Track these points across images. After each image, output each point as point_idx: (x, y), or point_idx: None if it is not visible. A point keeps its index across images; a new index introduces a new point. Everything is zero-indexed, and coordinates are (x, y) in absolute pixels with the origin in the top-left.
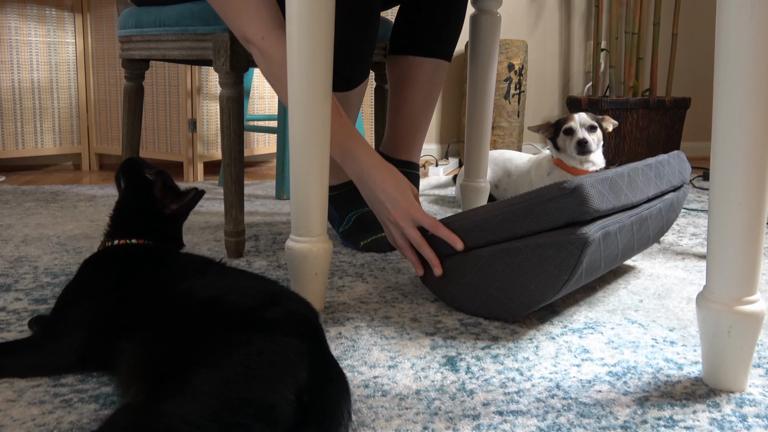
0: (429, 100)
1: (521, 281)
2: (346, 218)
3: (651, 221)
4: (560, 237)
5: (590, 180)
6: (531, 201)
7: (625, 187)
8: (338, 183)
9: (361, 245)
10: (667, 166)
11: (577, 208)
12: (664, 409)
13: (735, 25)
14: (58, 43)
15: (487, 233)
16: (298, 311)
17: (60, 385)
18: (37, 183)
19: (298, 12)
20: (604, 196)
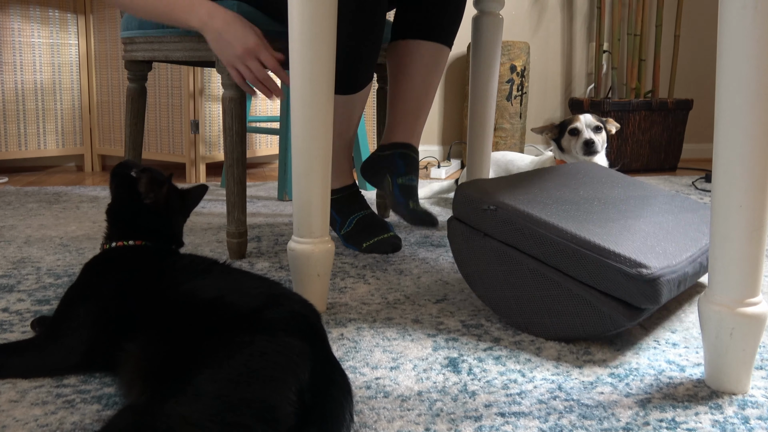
0: (428, 85)
1: (540, 310)
2: (347, 221)
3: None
4: (606, 308)
5: (669, 276)
6: (603, 260)
7: (689, 279)
8: (340, 186)
9: (363, 247)
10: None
11: (642, 298)
12: (666, 410)
13: (737, 26)
14: (61, 44)
15: (539, 250)
16: (301, 312)
17: (63, 385)
18: (40, 184)
19: (299, 15)
20: (671, 292)
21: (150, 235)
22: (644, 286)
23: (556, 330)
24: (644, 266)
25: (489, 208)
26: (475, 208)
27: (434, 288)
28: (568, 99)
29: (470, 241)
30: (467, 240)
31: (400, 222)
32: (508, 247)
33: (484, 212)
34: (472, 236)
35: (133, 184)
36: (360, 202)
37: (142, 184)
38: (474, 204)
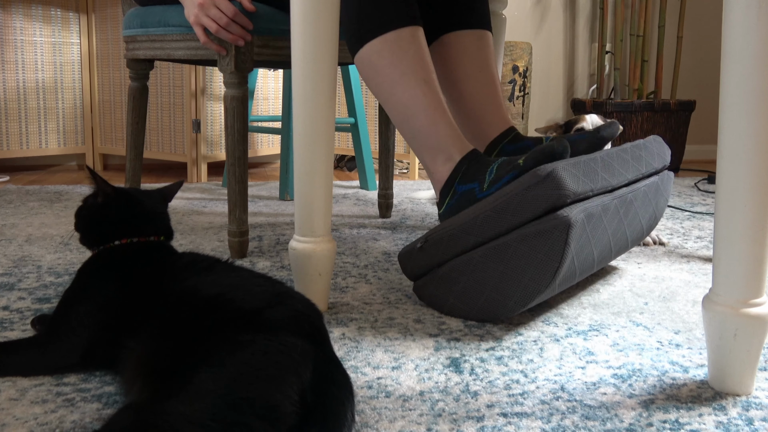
0: (486, 71)
1: (514, 277)
2: (486, 173)
3: (638, 205)
4: (543, 224)
5: (563, 164)
6: (509, 195)
7: (600, 169)
8: (460, 157)
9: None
10: (644, 150)
11: (554, 192)
12: (669, 412)
13: (742, 26)
14: (62, 43)
15: (473, 235)
16: (303, 312)
17: (63, 384)
18: (41, 183)
19: (301, 12)
20: (578, 178)
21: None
22: (546, 182)
23: (537, 279)
24: (537, 170)
25: (421, 244)
26: (414, 255)
27: None
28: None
29: (433, 282)
30: (431, 283)
31: (402, 222)
32: (456, 258)
33: (421, 250)
34: (432, 277)
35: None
36: (488, 160)
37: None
38: (411, 253)
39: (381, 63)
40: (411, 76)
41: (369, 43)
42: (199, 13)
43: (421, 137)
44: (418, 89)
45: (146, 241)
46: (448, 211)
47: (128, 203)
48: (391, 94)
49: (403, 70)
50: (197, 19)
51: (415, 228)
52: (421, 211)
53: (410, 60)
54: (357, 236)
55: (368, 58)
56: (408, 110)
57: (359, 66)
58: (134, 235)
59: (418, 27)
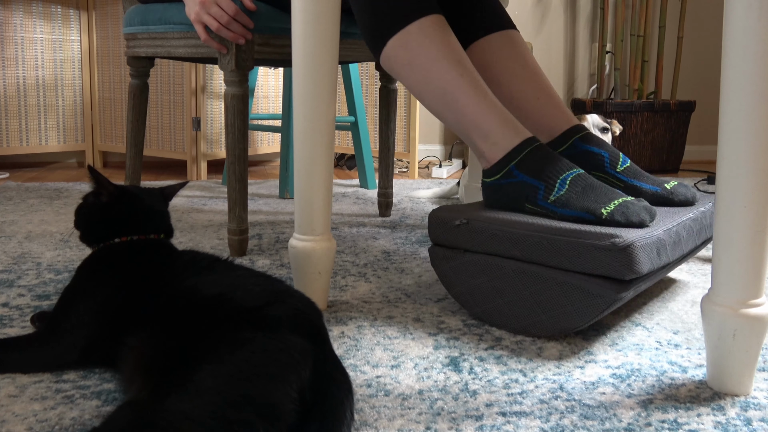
0: (528, 67)
1: (533, 308)
2: (556, 182)
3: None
4: (593, 287)
5: (643, 242)
6: (576, 240)
7: (669, 247)
8: (519, 142)
9: (603, 214)
10: (710, 218)
11: (621, 268)
12: (668, 412)
13: (743, 27)
14: (63, 40)
15: (516, 249)
16: (303, 310)
17: (62, 381)
18: (41, 180)
19: (302, 11)
20: (651, 260)
21: (134, 227)
22: (620, 255)
23: (553, 324)
24: (616, 236)
25: (461, 222)
26: (449, 226)
27: (435, 287)
28: (570, 100)
29: (452, 261)
30: (449, 261)
31: (402, 221)
32: (488, 256)
33: (457, 228)
34: (453, 256)
35: (89, 200)
36: (560, 159)
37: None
38: (447, 224)
39: (409, 56)
40: (443, 61)
41: (392, 39)
42: (200, 11)
43: (466, 119)
44: (453, 71)
45: (146, 239)
46: (496, 187)
47: (129, 201)
48: (427, 83)
49: (434, 56)
50: (198, 16)
51: (415, 227)
52: (421, 209)
53: (438, 45)
54: (356, 235)
55: (394, 53)
56: (447, 94)
57: (387, 64)
58: (134, 232)
59: (440, 15)
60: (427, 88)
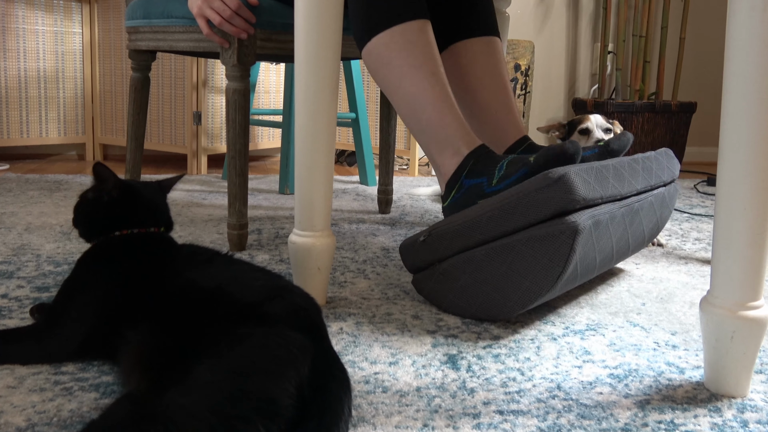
0: (497, 78)
1: (516, 278)
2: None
3: (643, 215)
4: (550, 227)
5: (575, 168)
6: (518, 195)
7: (611, 177)
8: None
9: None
10: (655, 162)
11: (564, 196)
12: (665, 412)
13: (746, 28)
14: (64, 32)
15: (477, 233)
16: (302, 306)
17: (60, 373)
18: (41, 172)
19: (305, 7)
20: (590, 185)
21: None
22: (557, 185)
23: (539, 283)
24: (548, 173)
25: (424, 237)
26: (416, 247)
27: None
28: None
29: (433, 277)
30: (430, 278)
31: (401, 218)
32: (459, 254)
33: (423, 244)
34: (432, 273)
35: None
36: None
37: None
38: (414, 246)
39: (389, 56)
40: (419, 69)
41: (377, 35)
42: (202, 5)
43: (428, 130)
44: (426, 81)
45: (146, 232)
46: (453, 204)
47: (130, 196)
48: (399, 86)
49: (411, 62)
50: (201, 10)
51: (414, 224)
52: (420, 207)
53: (418, 53)
54: (356, 231)
55: (376, 50)
56: (416, 103)
57: (367, 59)
58: (134, 226)
59: (427, 21)
60: (398, 91)
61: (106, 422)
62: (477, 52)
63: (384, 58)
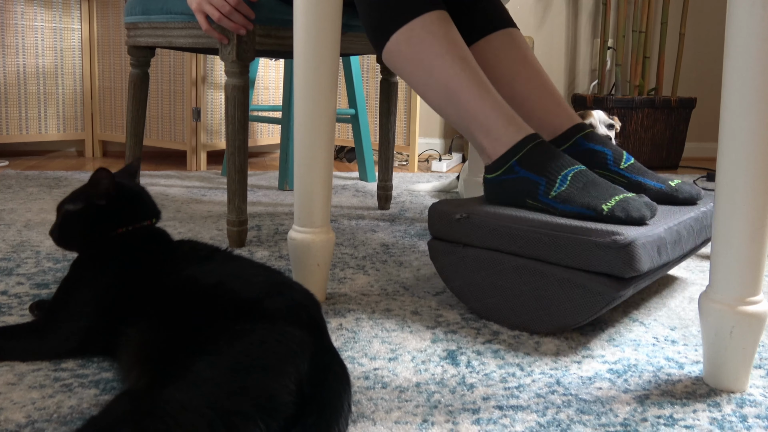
0: (529, 66)
1: (533, 305)
2: (557, 179)
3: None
4: (593, 282)
5: (644, 240)
6: (576, 236)
7: (670, 246)
8: (520, 139)
9: (604, 210)
10: (711, 218)
11: (622, 266)
12: (664, 407)
13: (746, 24)
14: (63, 28)
15: (516, 245)
16: (301, 302)
17: (60, 369)
18: (41, 168)
19: (304, 3)
20: (651, 259)
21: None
22: (621, 252)
23: (551, 321)
24: (617, 233)
25: (462, 216)
26: (449, 220)
27: (434, 280)
28: (571, 95)
29: (451, 255)
30: (448, 255)
31: (401, 214)
32: (488, 251)
33: (457, 222)
34: (452, 250)
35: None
36: (562, 156)
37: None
38: (447, 217)
39: (412, 51)
40: (446, 56)
41: (395, 34)
42: (201, 1)
43: (468, 115)
44: (456, 66)
45: (141, 227)
46: (498, 182)
47: (122, 195)
48: (429, 78)
49: (437, 51)
50: (200, 6)
51: (414, 220)
52: (420, 203)
53: (442, 41)
54: (356, 227)
55: (397, 49)
56: (449, 90)
57: (389, 60)
58: (130, 222)
59: (443, 10)
60: (430, 83)
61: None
62: (499, 46)
63: (407, 55)
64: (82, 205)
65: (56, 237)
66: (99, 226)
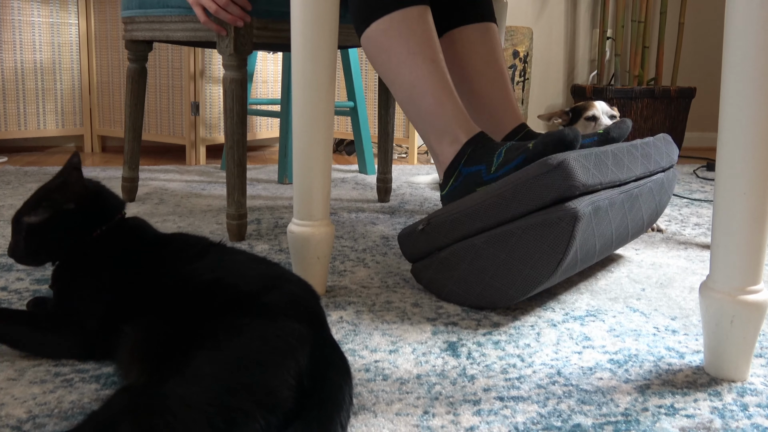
0: (494, 65)
1: (516, 265)
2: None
3: (642, 200)
4: (550, 214)
5: (574, 155)
6: (516, 182)
7: (610, 163)
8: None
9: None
10: (654, 148)
11: (563, 182)
12: (665, 397)
13: (745, 13)
14: (61, 23)
15: (477, 221)
16: (301, 295)
17: (61, 364)
18: (39, 164)
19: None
20: (589, 171)
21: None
22: (556, 172)
23: (540, 270)
24: (548, 159)
25: (424, 225)
26: (415, 236)
27: None
28: (570, 86)
29: (432, 266)
30: (429, 267)
31: (400, 207)
32: (459, 243)
33: (422, 232)
34: (431, 262)
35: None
36: (498, 144)
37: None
38: (413, 234)
39: (387, 42)
40: (418, 56)
41: (376, 21)
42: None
43: (427, 118)
44: (425, 68)
45: (117, 223)
46: (451, 192)
47: (90, 193)
48: (398, 73)
49: (410, 49)
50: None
51: (413, 212)
52: (419, 195)
53: (417, 39)
54: (355, 220)
55: (375, 36)
56: (414, 90)
57: (365, 45)
58: (101, 221)
59: (426, 7)
60: (397, 78)
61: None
62: (473, 39)
63: (383, 45)
64: (49, 214)
65: (21, 255)
66: (71, 233)
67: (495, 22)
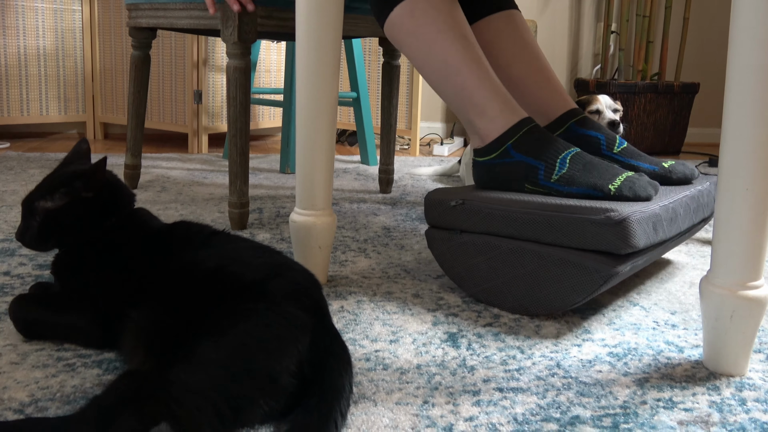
0: (528, 49)
1: (531, 285)
2: (557, 161)
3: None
4: (589, 260)
5: (638, 216)
6: (570, 215)
7: (666, 223)
8: (515, 122)
9: (611, 189)
10: (707, 197)
11: (617, 242)
12: (663, 390)
13: (750, 9)
14: (64, 9)
15: (512, 227)
16: (303, 284)
17: (63, 349)
18: (42, 150)
19: None
20: (647, 235)
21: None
22: (615, 229)
23: (550, 301)
24: (611, 210)
25: (458, 202)
26: (444, 208)
27: (435, 264)
28: (573, 79)
29: (448, 242)
30: (446, 242)
31: (402, 198)
32: (484, 236)
33: (453, 209)
34: (449, 237)
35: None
36: (557, 140)
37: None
38: (442, 205)
39: (414, 24)
40: (448, 33)
41: (398, 6)
42: None
43: (464, 93)
44: (457, 43)
45: (131, 212)
46: (491, 165)
47: (105, 184)
48: (429, 53)
49: (439, 27)
50: None
51: (415, 204)
52: (421, 187)
53: (445, 17)
54: (357, 211)
55: (399, 20)
56: (449, 68)
57: (390, 32)
58: (114, 212)
59: None
60: (429, 59)
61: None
62: (500, 27)
63: (409, 28)
64: (67, 201)
65: (31, 240)
66: (86, 221)
67: (518, 9)
